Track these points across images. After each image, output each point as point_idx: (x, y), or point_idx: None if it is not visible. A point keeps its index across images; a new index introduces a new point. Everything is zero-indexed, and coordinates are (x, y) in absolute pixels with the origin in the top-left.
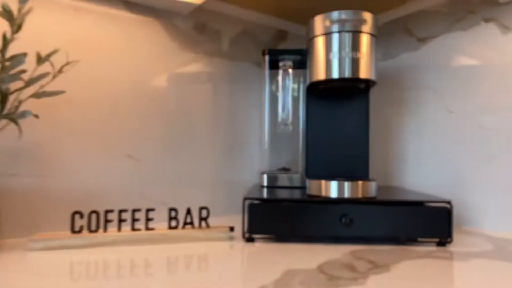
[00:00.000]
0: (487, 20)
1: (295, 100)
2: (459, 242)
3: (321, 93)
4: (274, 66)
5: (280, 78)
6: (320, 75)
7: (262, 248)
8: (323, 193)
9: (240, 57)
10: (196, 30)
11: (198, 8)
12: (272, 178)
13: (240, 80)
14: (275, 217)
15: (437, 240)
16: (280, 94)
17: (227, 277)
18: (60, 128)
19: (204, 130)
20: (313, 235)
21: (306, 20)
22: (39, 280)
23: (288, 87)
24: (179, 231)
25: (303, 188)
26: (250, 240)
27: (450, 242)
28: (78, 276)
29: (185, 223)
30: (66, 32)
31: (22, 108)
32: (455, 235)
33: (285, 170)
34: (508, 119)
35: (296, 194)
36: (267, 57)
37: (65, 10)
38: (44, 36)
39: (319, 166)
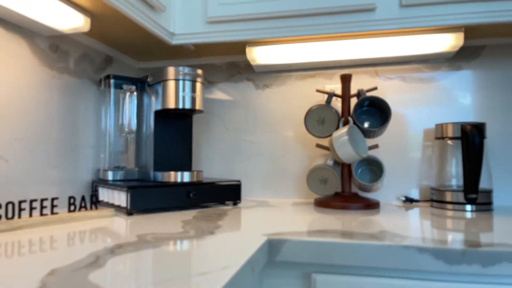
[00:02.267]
0: (248, 79)
1: (131, 113)
2: (241, 203)
3: (163, 114)
4: (115, 87)
5: (127, 98)
6: (171, 104)
7: (143, 217)
8: (172, 180)
9: (81, 75)
10: (51, 49)
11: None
12: (115, 174)
13: (81, 94)
14: (147, 198)
15: (232, 202)
16: (126, 111)
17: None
18: None
19: (52, 134)
20: (170, 207)
21: (127, 50)
22: None
23: (133, 106)
24: (78, 213)
25: (141, 180)
26: (130, 214)
27: (240, 202)
28: None
29: (81, 207)
30: None
31: None
32: None
33: (120, 168)
34: (259, 136)
35: (156, 182)
36: (112, 81)
37: None
38: None
39: (162, 162)
